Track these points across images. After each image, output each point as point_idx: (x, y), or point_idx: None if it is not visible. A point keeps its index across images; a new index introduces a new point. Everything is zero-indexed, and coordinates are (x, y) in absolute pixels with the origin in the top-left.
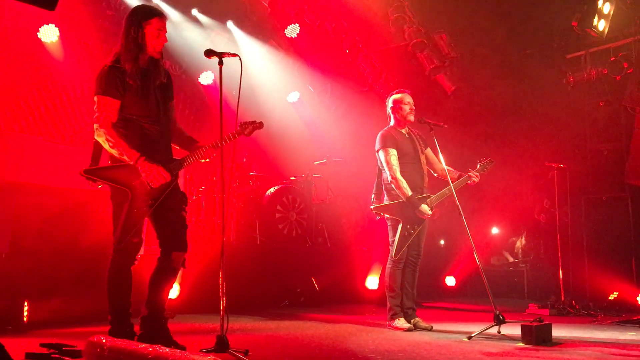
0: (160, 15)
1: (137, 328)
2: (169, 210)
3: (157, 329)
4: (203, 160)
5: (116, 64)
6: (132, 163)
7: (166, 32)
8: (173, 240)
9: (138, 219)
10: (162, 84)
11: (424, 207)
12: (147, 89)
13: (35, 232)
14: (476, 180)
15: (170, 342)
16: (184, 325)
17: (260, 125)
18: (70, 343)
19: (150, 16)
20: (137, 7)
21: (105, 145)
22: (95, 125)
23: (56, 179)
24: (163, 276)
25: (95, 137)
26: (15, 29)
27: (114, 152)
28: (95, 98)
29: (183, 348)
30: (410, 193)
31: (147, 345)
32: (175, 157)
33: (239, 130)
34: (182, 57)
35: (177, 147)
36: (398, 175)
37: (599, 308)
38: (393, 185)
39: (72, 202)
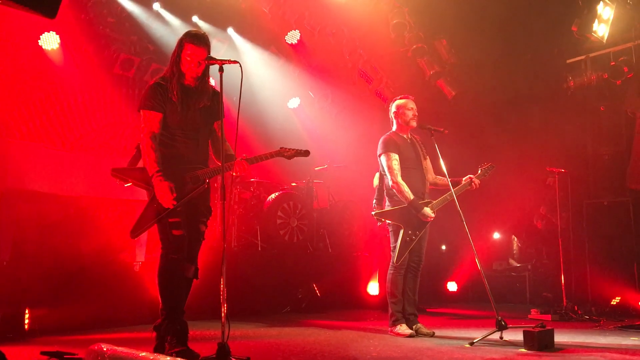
0: (195, 42)
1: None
2: (189, 220)
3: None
4: (234, 174)
5: (161, 82)
6: (149, 175)
7: (201, 59)
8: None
9: (155, 215)
10: (205, 105)
11: (427, 210)
12: (187, 107)
13: (37, 240)
14: (477, 185)
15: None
16: None
17: (307, 153)
18: (71, 351)
19: (186, 41)
20: (187, 31)
21: (142, 153)
22: (141, 136)
23: (57, 186)
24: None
25: (139, 145)
26: (16, 37)
27: (143, 160)
28: (140, 112)
29: (197, 356)
30: (412, 197)
31: (148, 353)
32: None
33: (278, 152)
34: None
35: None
36: (399, 179)
37: (601, 313)
38: (394, 190)
39: (73, 209)
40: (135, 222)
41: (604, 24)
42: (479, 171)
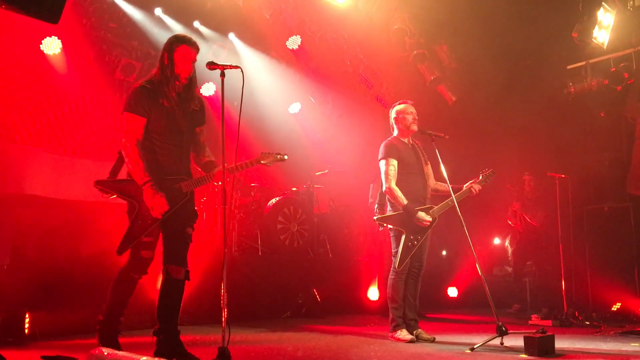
0: (188, 44)
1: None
2: (173, 224)
3: (170, 341)
4: (216, 183)
5: (147, 85)
6: (139, 184)
7: (193, 60)
8: (171, 254)
9: (141, 231)
10: (193, 110)
11: (421, 214)
12: (174, 112)
13: (37, 244)
14: (477, 191)
15: (185, 355)
16: (185, 337)
17: (284, 158)
18: (72, 355)
19: (180, 43)
20: (173, 35)
21: (126, 160)
22: (123, 140)
23: (58, 191)
24: (165, 289)
25: (121, 151)
26: (19, 41)
27: (129, 168)
28: (124, 115)
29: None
30: (405, 202)
31: (149, 357)
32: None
33: (258, 158)
34: None
35: (200, 170)
36: (393, 185)
37: (602, 319)
38: (388, 196)
39: (73, 213)
40: (122, 238)
41: (604, 30)
42: (480, 177)
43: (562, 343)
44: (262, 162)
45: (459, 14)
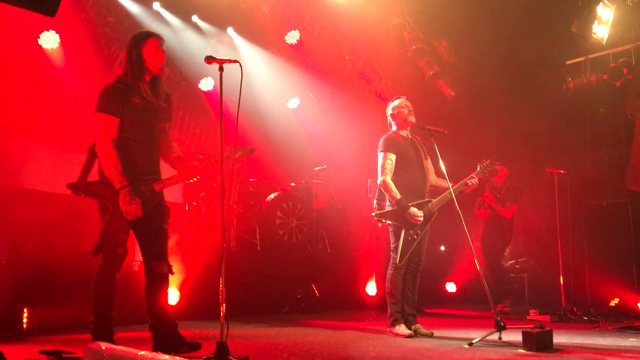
0: (156, 36)
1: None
2: (150, 222)
3: (165, 334)
4: (190, 181)
5: (118, 84)
6: (117, 188)
7: (163, 50)
8: (152, 250)
9: (117, 231)
10: (161, 107)
11: (413, 210)
12: (146, 110)
13: (35, 239)
14: (475, 182)
15: (184, 344)
16: (184, 332)
17: (252, 151)
18: (70, 350)
19: (147, 37)
20: (135, 33)
21: (101, 161)
22: (98, 141)
23: (57, 185)
24: (150, 285)
25: (97, 151)
26: (16, 35)
27: (105, 170)
28: (97, 115)
29: (198, 346)
30: (399, 197)
31: (147, 352)
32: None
33: (227, 155)
34: (182, 64)
35: (170, 166)
36: (388, 179)
37: (600, 314)
38: (382, 189)
39: (72, 208)
40: (98, 239)
41: (603, 25)
42: (478, 168)
43: (560, 338)
44: (232, 157)
45: (457, 9)
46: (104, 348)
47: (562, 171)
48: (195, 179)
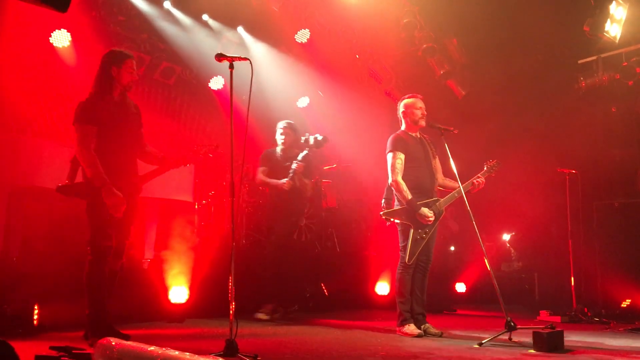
0: (132, 57)
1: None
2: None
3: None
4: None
5: (92, 98)
6: (97, 186)
7: (135, 69)
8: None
9: (103, 224)
10: (133, 114)
11: (424, 211)
12: (120, 119)
13: (46, 236)
14: (482, 182)
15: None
16: (193, 330)
17: (215, 149)
18: (80, 346)
19: (125, 58)
20: (114, 51)
21: (83, 166)
22: (78, 149)
23: None
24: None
25: (78, 158)
26: (28, 34)
27: (87, 172)
28: (76, 126)
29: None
30: (410, 196)
31: (157, 347)
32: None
33: (191, 156)
34: (192, 62)
35: (150, 164)
36: (399, 178)
37: (611, 315)
38: (393, 189)
39: (82, 206)
40: (91, 235)
41: (616, 24)
42: (485, 168)
43: (571, 339)
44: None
45: (468, 7)
46: (114, 343)
47: (573, 171)
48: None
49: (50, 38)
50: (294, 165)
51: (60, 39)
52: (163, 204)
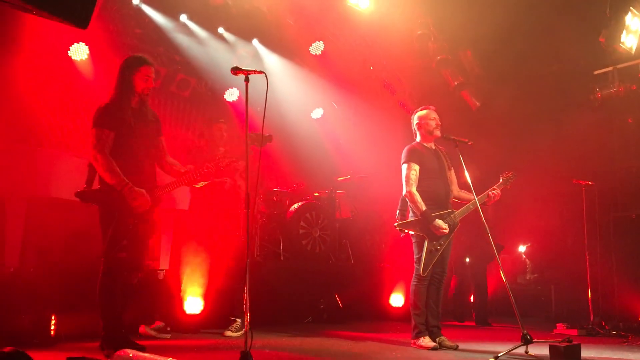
0: (149, 63)
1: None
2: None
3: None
4: (197, 185)
5: (111, 103)
6: (118, 189)
7: (153, 77)
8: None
9: (121, 236)
10: (152, 122)
11: (439, 222)
12: (137, 126)
13: (63, 247)
14: (497, 194)
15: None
16: (208, 341)
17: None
18: (96, 357)
19: (141, 64)
20: (131, 57)
21: (100, 170)
22: (94, 153)
23: None
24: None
25: (92, 162)
26: (47, 48)
27: (105, 177)
28: (93, 130)
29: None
30: (424, 208)
31: (172, 359)
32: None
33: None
34: (208, 75)
35: (169, 175)
36: (413, 189)
37: (629, 329)
38: (407, 200)
39: (99, 216)
40: (106, 246)
41: (632, 34)
42: (500, 180)
43: (588, 353)
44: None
45: (483, 19)
46: (131, 355)
47: (590, 182)
48: (200, 184)
49: (68, 51)
50: None
51: (79, 52)
52: (179, 214)
